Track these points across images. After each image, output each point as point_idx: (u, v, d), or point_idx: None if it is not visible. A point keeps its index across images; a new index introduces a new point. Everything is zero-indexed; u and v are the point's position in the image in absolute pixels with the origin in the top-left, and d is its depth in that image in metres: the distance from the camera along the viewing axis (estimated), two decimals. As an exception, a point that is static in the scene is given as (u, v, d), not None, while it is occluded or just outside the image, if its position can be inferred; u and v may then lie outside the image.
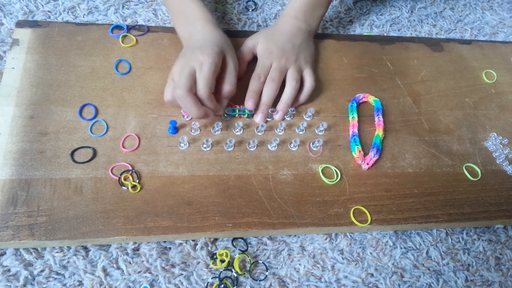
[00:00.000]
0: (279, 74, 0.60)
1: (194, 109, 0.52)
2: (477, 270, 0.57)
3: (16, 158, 0.51)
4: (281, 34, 0.63)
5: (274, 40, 0.62)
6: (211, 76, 0.52)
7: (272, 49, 0.61)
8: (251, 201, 0.54)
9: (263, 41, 0.62)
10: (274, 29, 0.65)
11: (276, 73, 0.59)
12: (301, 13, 0.65)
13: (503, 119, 0.70)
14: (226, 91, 0.55)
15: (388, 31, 0.79)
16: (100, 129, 0.55)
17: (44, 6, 0.66)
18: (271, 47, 0.61)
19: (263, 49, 0.62)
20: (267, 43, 0.62)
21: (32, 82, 0.57)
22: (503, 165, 0.64)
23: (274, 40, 0.62)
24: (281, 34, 0.63)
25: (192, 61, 0.53)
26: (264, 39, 0.62)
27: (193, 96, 0.51)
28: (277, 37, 0.63)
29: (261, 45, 0.62)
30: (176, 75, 0.53)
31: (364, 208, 0.56)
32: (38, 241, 0.47)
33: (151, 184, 0.53)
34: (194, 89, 0.52)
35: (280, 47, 0.61)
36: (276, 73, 0.59)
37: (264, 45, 0.62)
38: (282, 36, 0.63)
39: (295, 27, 0.64)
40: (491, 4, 0.89)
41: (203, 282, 0.50)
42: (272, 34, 0.64)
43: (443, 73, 0.73)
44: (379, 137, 0.62)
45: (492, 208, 0.60)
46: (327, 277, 0.53)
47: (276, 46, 0.61)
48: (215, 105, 0.55)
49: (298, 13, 0.65)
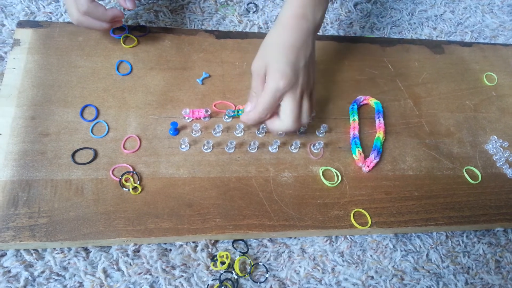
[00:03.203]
0: (298, 111, 0.53)
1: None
2: (477, 273, 0.58)
3: (17, 159, 0.51)
4: (291, 47, 0.52)
5: (284, 60, 0.51)
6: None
7: (285, 74, 0.50)
8: (252, 203, 0.54)
9: (273, 65, 0.51)
10: (281, 39, 0.53)
11: (296, 111, 0.52)
12: (310, 9, 0.54)
13: (503, 122, 0.70)
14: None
15: (389, 33, 0.79)
16: (101, 130, 0.55)
17: (45, 8, 0.66)
18: (283, 71, 0.50)
19: (274, 77, 0.51)
20: (278, 67, 0.51)
21: (33, 83, 0.57)
22: (503, 168, 0.65)
23: (284, 60, 0.51)
24: (291, 46, 0.52)
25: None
26: (274, 62, 0.51)
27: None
28: (287, 53, 0.52)
29: (272, 71, 0.51)
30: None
31: (364, 210, 0.56)
32: (39, 242, 0.47)
33: (152, 186, 0.53)
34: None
35: (293, 69, 0.51)
36: (296, 111, 0.52)
37: (274, 70, 0.51)
38: (294, 49, 0.52)
39: (304, 31, 0.53)
40: (491, 7, 0.89)
41: (203, 284, 0.50)
42: (280, 50, 0.52)
43: (444, 76, 0.73)
44: (380, 139, 0.62)
45: (492, 211, 0.60)
46: (327, 279, 0.53)
47: (289, 69, 0.51)
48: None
49: (307, 9, 0.54)
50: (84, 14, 0.53)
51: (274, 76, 0.50)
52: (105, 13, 0.54)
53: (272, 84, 0.50)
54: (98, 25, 0.55)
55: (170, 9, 0.71)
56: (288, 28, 0.53)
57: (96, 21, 0.55)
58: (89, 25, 0.55)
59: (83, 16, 0.53)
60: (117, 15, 0.56)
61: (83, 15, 0.53)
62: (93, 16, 0.54)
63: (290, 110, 0.52)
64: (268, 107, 0.52)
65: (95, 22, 0.55)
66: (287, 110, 0.52)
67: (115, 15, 0.56)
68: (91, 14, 0.53)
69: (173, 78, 0.62)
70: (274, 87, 0.50)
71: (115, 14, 0.56)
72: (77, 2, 0.52)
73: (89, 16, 0.54)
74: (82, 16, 0.53)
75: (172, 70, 0.62)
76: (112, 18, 0.56)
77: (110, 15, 0.55)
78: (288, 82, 0.50)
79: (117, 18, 0.56)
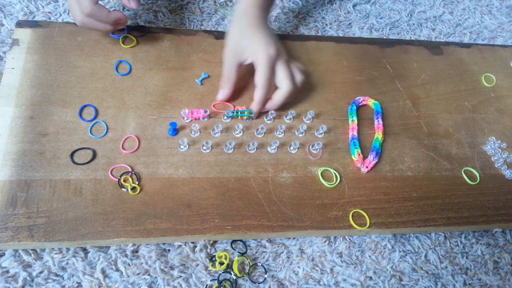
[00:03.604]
0: (290, 71, 0.59)
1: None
2: (475, 274, 0.58)
3: (16, 159, 0.51)
4: (260, 26, 0.59)
5: (261, 36, 0.58)
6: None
7: (269, 43, 0.57)
8: (251, 203, 0.54)
9: (254, 43, 0.57)
10: (247, 24, 0.59)
11: (289, 71, 0.58)
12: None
13: (502, 123, 0.70)
14: None
15: (388, 34, 0.79)
16: (100, 130, 0.55)
17: (44, 7, 0.66)
18: (267, 42, 0.57)
19: (262, 50, 0.56)
20: (260, 42, 0.57)
21: (32, 83, 0.57)
22: (501, 169, 0.65)
23: (261, 36, 0.58)
24: (259, 26, 0.59)
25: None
26: (253, 41, 0.57)
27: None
28: (260, 31, 0.58)
29: (253, 51, 0.57)
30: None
31: (363, 211, 0.56)
32: (37, 243, 0.47)
33: (150, 186, 0.53)
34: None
35: (268, 42, 0.57)
36: (289, 71, 0.58)
37: (258, 45, 0.57)
38: (262, 29, 0.59)
39: (261, 16, 0.60)
40: (490, 8, 0.90)
41: (202, 285, 0.50)
42: (254, 31, 0.58)
43: (443, 77, 0.73)
44: (379, 140, 0.62)
45: (491, 212, 0.60)
46: (326, 280, 0.53)
47: (269, 40, 0.57)
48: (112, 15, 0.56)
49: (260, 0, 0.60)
50: (88, 16, 0.53)
51: (261, 49, 0.56)
52: (109, 16, 0.55)
53: (263, 55, 0.56)
54: (102, 26, 0.56)
55: (169, 9, 0.71)
56: (248, 15, 0.60)
57: (100, 23, 0.55)
58: (92, 27, 0.56)
59: (87, 18, 0.54)
60: (120, 17, 0.57)
61: (87, 17, 0.53)
62: (96, 18, 0.54)
63: (285, 72, 0.58)
64: (268, 78, 0.57)
65: (98, 24, 0.55)
66: (283, 73, 0.58)
67: (118, 17, 0.56)
68: (95, 16, 0.54)
69: (172, 78, 0.62)
70: (267, 57, 0.56)
71: (118, 17, 0.56)
72: (80, 4, 0.53)
73: (92, 18, 0.54)
74: (86, 17, 0.54)
75: (171, 71, 0.62)
76: (115, 20, 0.56)
77: (113, 18, 0.56)
78: (275, 49, 0.57)
79: (120, 20, 0.57)
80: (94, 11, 0.53)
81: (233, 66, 0.58)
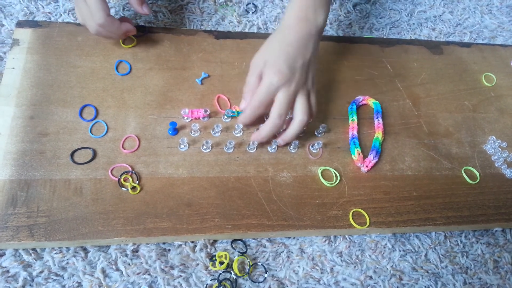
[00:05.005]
0: (287, 107, 0.53)
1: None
2: (475, 273, 0.58)
3: (16, 158, 0.51)
4: (290, 46, 0.54)
5: (282, 58, 0.52)
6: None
7: (280, 70, 0.52)
8: (251, 203, 0.54)
9: (271, 61, 0.53)
10: (281, 39, 0.55)
11: (285, 106, 0.53)
12: (312, 11, 0.55)
13: (502, 123, 0.70)
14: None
15: (388, 34, 0.79)
16: (100, 130, 0.55)
17: (44, 8, 0.66)
18: (279, 67, 0.52)
19: (270, 72, 0.52)
20: (275, 62, 0.52)
21: (32, 83, 0.57)
22: (501, 169, 0.65)
23: (282, 58, 0.52)
24: (290, 45, 0.54)
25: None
26: (272, 58, 0.53)
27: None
28: (285, 51, 0.53)
29: (268, 67, 0.53)
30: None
31: (363, 210, 0.56)
32: (38, 242, 0.47)
33: (150, 185, 0.53)
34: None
35: (289, 66, 0.52)
36: (285, 106, 0.53)
37: (271, 65, 0.52)
38: (292, 48, 0.53)
39: (305, 33, 0.54)
40: (490, 8, 0.90)
41: (202, 284, 0.50)
42: (280, 48, 0.54)
43: (443, 76, 0.73)
44: (379, 139, 0.62)
45: (491, 211, 0.60)
46: (326, 279, 0.53)
47: (285, 66, 0.52)
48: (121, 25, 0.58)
49: (309, 11, 0.54)
50: (101, 26, 0.55)
51: (270, 71, 0.52)
52: (120, 28, 0.57)
53: (267, 78, 0.52)
54: (114, 36, 0.58)
55: (169, 9, 0.71)
56: (289, 29, 0.55)
57: (111, 33, 0.57)
58: (105, 36, 0.58)
59: (100, 28, 0.55)
60: (130, 29, 0.60)
61: (100, 26, 0.55)
62: (108, 29, 0.56)
63: (280, 102, 0.53)
64: (262, 101, 0.53)
65: (110, 34, 0.57)
66: (277, 102, 0.53)
67: (128, 30, 0.59)
68: (106, 27, 0.55)
69: (172, 78, 0.62)
70: (269, 81, 0.52)
71: (128, 29, 0.59)
72: (94, 15, 0.53)
73: (104, 29, 0.55)
74: (99, 27, 0.55)
75: (171, 70, 0.62)
76: (125, 32, 0.59)
77: (124, 30, 0.58)
78: (282, 77, 0.52)
79: (129, 32, 0.60)
80: (107, 22, 0.54)
81: (254, 75, 0.54)
